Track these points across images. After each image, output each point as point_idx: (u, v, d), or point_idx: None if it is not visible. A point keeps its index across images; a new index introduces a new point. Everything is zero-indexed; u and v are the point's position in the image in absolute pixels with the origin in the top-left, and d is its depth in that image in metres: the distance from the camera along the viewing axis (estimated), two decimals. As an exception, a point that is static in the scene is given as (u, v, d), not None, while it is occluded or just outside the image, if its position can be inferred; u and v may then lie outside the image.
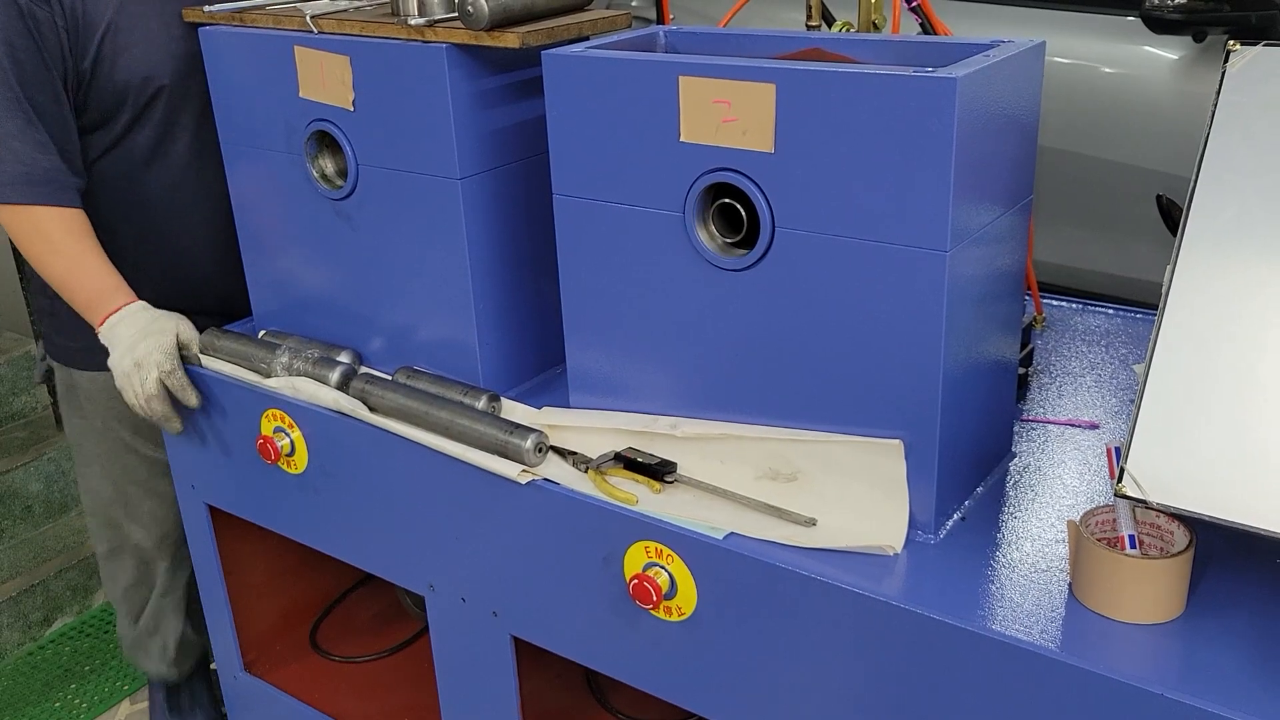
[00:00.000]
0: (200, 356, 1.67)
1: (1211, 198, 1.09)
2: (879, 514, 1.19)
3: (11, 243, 3.10)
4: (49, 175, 1.66)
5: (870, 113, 1.09)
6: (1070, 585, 1.10)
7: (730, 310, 1.24)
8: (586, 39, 1.39)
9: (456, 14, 1.34)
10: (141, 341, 1.63)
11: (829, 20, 1.70)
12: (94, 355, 1.83)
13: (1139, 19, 2.78)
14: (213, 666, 2.14)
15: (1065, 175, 2.92)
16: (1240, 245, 1.06)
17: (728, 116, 1.17)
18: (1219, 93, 1.12)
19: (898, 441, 1.18)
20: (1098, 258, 2.96)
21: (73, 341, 1.88)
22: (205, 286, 1.86)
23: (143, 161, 1.76)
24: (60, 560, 2.83)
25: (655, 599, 1.22)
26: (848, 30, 1.52)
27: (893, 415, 1.18)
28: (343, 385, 1.54)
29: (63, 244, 1.68)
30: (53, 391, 2.03)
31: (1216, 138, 1.10)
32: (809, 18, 1.56)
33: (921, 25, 1.48)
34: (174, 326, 1.66)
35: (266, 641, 1.94)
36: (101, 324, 1.66)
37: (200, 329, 1.69)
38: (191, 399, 1.65)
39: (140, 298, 1.74)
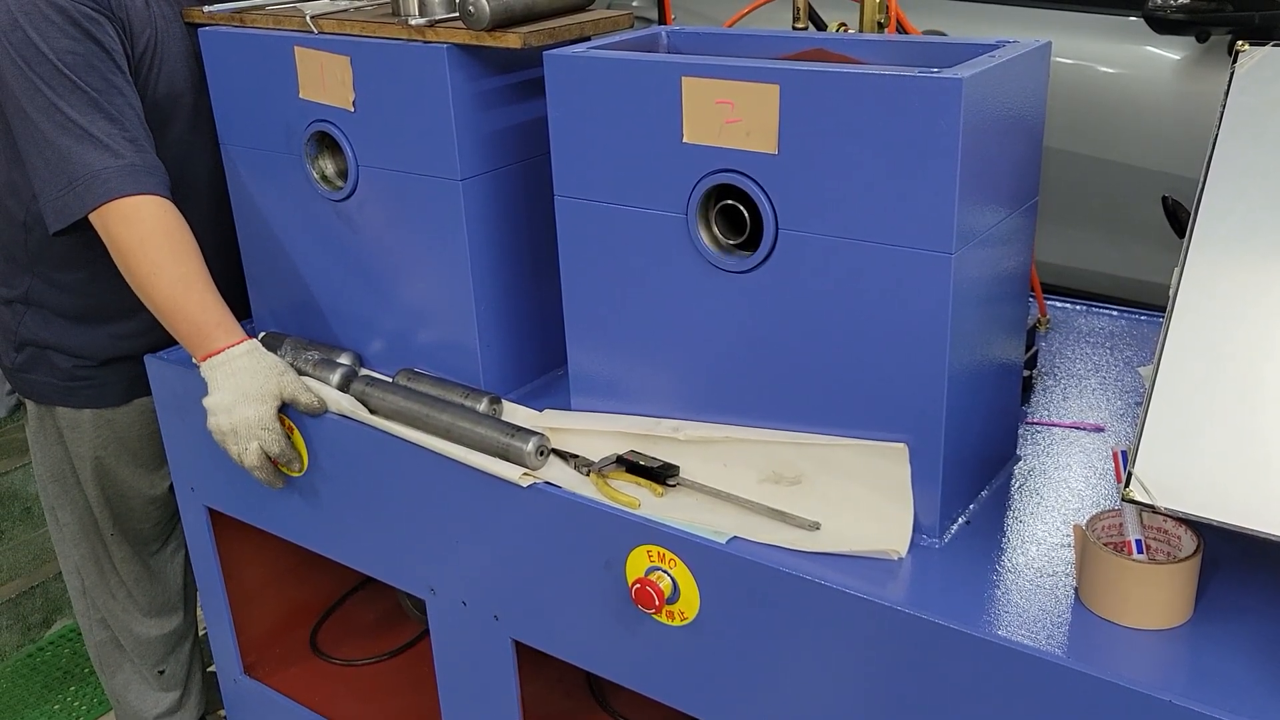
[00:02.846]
0: (321, 402, 1.53)
1: (1220, 200, 1.08)
2: (883, 518, 1.18)
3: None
4: (151, 168, 1.54)
5: (875, 114, 1.08)
6: (1076, 590, 1.09)
7: (733, 312, 1.24)
8: (588, 39, 1.39)
9: (458, 14, 1.33)
10: (240, 406, 1.50)
11: (818, 23, 1.68)
12: (75, 394, 1.80)
13: (1142, 19, 2.78)
14: (210, 669, 2.13)
15: (1068, 176, 2.91)
16: (1249, 248, 1.05)
17: (731, 117, 1.16)
18: (1227, 93, 1.11)
19: (902, 445, 1.17)
20: (1101, 259, 2.96)
21: (54, 378, 1.80)
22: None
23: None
24: (59, 562, 2.82)
25: (658, 603, 1.22)
26: (843, 31, 1.51)
27: (897, 418, 1.17)
28: (343, 387, 1.53)
29: (173, 249, 1.53)
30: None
31: (1225, 139, 1.09)
32: (795, 19, 1.55)
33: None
34: (276, 389, 1.51)
35: (266, 644, 1.94)
36: (202, 360, 1.53)
37: None
38: (295, 469, 1.57)
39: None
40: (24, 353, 1.81)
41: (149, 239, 1.53)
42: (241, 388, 1.50)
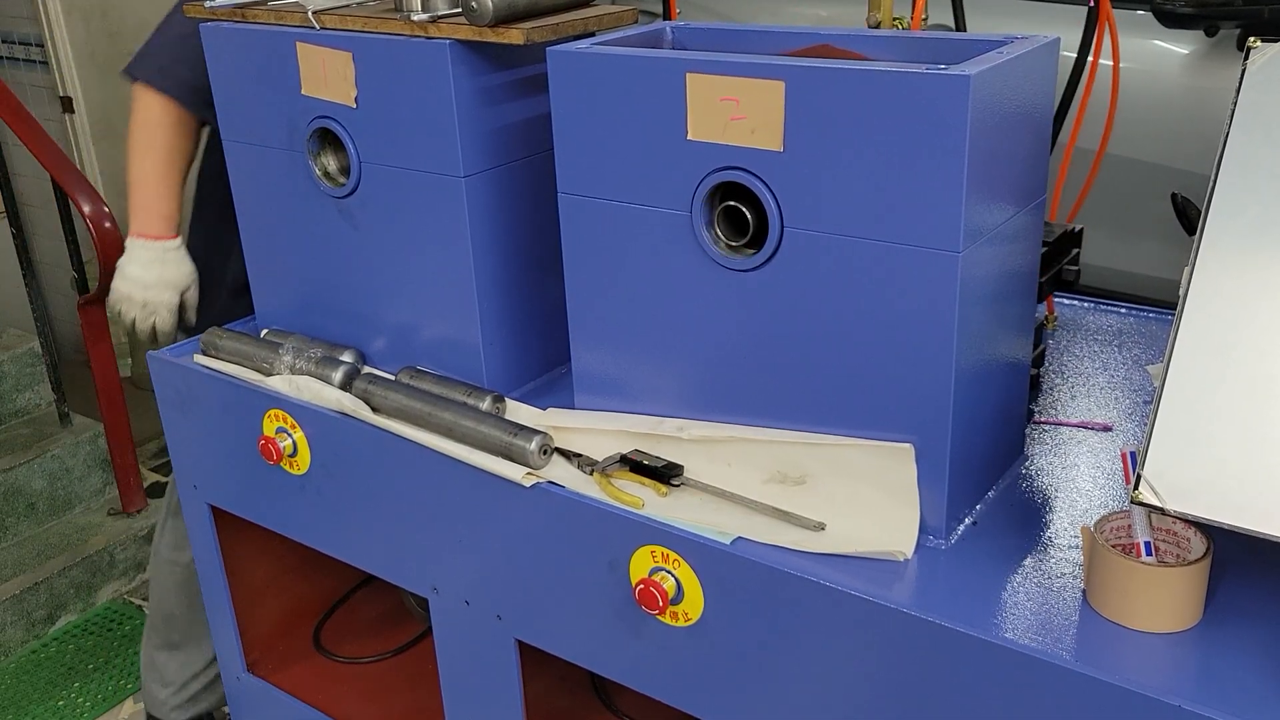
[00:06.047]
0: (190, 314, 1.93)
1: (1232, 198, 1.07)
2: (889, 519, 1.17)
3: (15, 243, 3.10)
4: (185, 81, 1.82)
5: (881, 111, 1.07)
6: (1084, 592, 1.08)
7: (738, 311, 1.22)
8: (592, 35, 1.37)
9: (460, 10, 1.32)
10: (157, 289, 1.88)
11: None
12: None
13: (1150, 13, 2.76)
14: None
15: (1075, 172, 2.89)
16: (1261, 246, 1.04)
17: (736, 114, 1.15)
18: (1239, 90, 1.10)
19: (908, 445, 1.16)
20: (1109, 255, 2.94)
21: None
22: None
23: None
24: (64, 558, 2.82)
25: (661, 604, 1.21)
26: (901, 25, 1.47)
27: (903, 418, 1.16)
28: (346, 385, 1.52)
29: (163, 143, 1.87)
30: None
31: (1236, 136, 1.08)
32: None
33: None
34: (185, 283, 1.91)
35: (269, 642, 1.93)
36: (135, 236, 1.88)
37: None
38: (166, 343, 1.90)
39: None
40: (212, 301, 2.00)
41: (147, 126, 1.87)
42: (165, 276, 1.88)
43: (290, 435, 1.56)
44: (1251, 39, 1.13)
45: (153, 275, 1.87)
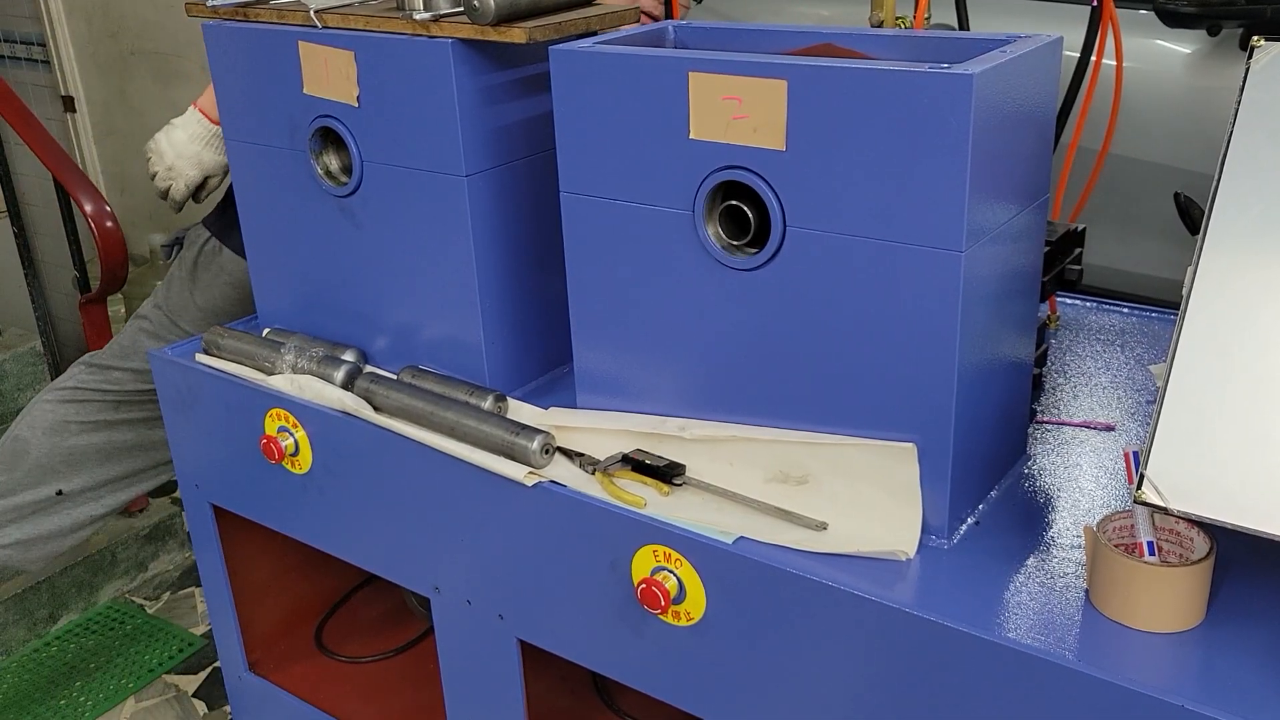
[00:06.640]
0: (202, 195, 1.99)
1: (1235, 197, 1.06)
2: (891, 518, 1.17)
3: (16, 242, 3.10)
4: None
5: (884, 110, 1.06)
6: (1087, 592, 1.08)
7: (740, 310, 1.22)
8: (594, 34, 1.37)
9: (462, 8, 1.32)
10: (187, 162, 1.96)
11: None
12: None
13: (1152, 13, 2.76)
14: (215, 665, 2.13)
15: (1078, 171, 2.89)
16: (1265, 246, 1.04)
17: (738, 113, 1.15)
18: (1242, 90, 1.10)
19: (911, 444, 1.16)
20: (1111, 254, 2.94)
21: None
22: None
23: None
24: (66, 557, 2.81)
25: (663, 603, 1.21)
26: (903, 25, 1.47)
27: (906, 417, 1.16)
28: (347, 384, 1.52)
29: None
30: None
31: (1240, 136, 1.08)
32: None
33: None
34: (214, 171, 1.99)
35: (271, 641, 1.93)
36: (199, 109, 1.96)
37: None
38: (172, 209, 2.04)
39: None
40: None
41: None
42: (201, 155, 1.97)
43: (292, 434, 1.56)
44: (1255, 38, 1.13)
45: (192, 149, 1.96)
